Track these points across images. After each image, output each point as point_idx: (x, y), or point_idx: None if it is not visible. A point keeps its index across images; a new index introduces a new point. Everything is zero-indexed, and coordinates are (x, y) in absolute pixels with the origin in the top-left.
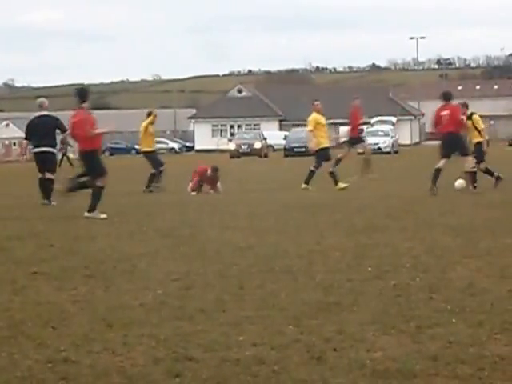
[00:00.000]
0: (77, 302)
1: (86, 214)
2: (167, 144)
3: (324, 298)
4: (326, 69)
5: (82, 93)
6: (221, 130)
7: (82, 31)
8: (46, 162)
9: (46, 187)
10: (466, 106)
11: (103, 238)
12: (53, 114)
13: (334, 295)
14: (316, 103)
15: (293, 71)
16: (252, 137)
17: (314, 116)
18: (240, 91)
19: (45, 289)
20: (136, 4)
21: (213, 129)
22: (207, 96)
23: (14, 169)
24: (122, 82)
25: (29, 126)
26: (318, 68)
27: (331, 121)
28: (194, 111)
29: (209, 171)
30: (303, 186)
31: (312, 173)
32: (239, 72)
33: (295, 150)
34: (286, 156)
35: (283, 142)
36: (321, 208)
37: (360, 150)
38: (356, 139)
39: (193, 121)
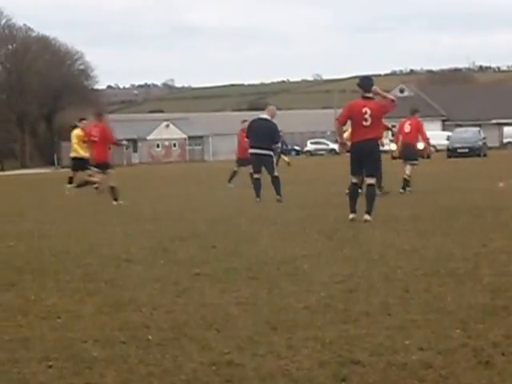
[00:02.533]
0: (240, 304)
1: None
2: (327, 145)
3: (491, 302)
4: (490, 68)
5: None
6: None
7: (242, 31)
8: (261, 164)
9: (258, 186)
10: None
11: (265, 239)
12: (272, 120)
13: (502, 299)
14: None
15: (455, 70)
16: None
17: None
18: (402, 91)
19: (208, 290)
20: (297, 3)
21: None
22: None
23: (174, 170)
24: (283, 82)
25: (249, 126)
26: (481, 67)
27: (495, 121)
28: None
29: None
30: None
31: None
32: (401, 71)
33: (458, 150)
34: (449, 157)
35: (446, 142)
36: (486, 210)
37: None
38: None
39: None
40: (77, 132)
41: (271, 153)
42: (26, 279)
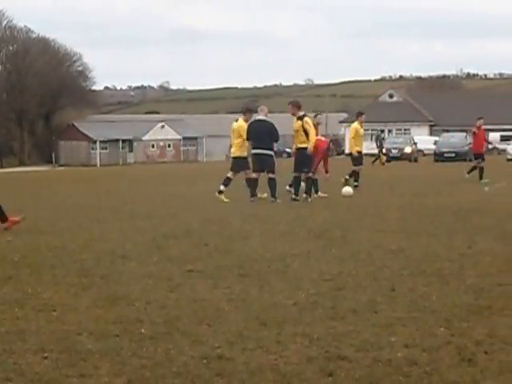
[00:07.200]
0: (231, 301)
1: None
2: None
3: (475, 302)
4: (477, 75)
5: None
6: (371, 135)
7: (238, 35)
8: (262, 164)
9: (254, 185)
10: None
11: (256, 237)
12: (269, 119)
13: (485, 299)
14: None
15: (444, 77)
16: (402, 141)
17: None
18: (391, 96)
19: (200, 287)
20: (291, 9)
21: (364, 133)
22: (358, 100)
23: (168, 170)
24: (275, 86)
25: (248, 128)
26: (468, 74)
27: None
28: (345, 115)
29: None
30: None
31: None
32: (390, 77)
33: (445, 155)
34: (436, 161)
35: (433, 146)
36: (471, 212)
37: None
38: None
39: (344, 125)
40: None
41: (272, 152)
42: (23, 273)
